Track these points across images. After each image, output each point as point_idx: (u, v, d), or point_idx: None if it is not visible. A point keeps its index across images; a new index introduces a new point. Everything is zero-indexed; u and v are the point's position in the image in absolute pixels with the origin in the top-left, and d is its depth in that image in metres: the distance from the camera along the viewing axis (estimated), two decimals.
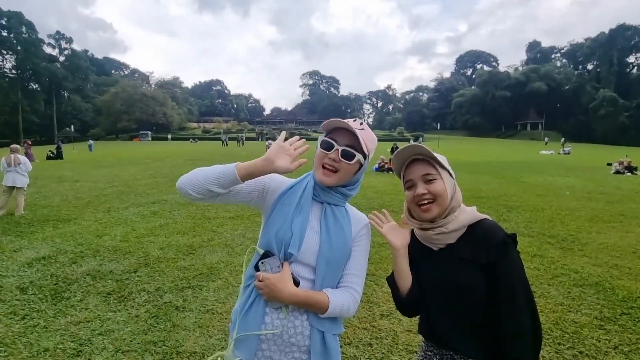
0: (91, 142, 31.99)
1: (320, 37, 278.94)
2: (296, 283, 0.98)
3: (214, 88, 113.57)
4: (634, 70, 65.38)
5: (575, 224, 5.78)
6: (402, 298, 1.09)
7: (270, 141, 19.71)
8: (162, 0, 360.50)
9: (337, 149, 0.99)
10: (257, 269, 1.01)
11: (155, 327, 2.63)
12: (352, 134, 0.99)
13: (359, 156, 1.00)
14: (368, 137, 1.01)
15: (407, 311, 1.14)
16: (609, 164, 15.51)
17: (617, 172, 13.60)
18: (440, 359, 1.07)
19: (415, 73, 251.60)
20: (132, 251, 4.27)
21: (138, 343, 2.43)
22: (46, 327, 2.60)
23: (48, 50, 64.04)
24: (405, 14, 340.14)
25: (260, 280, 0.97)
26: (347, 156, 0.99)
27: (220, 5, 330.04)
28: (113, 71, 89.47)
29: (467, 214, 1.05)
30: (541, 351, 2.37)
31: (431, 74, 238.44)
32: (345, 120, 1.00)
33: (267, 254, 1.01)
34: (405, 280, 1.08)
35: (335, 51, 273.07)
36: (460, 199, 1.07)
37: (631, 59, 66.25)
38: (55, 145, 21.06)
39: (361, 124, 1.02)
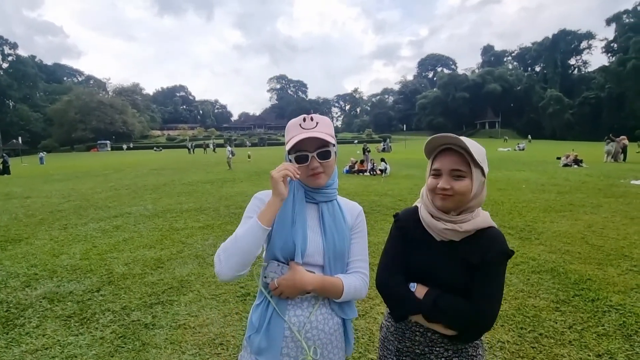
0: (42, 154, 29.72)
1: (286, 41, 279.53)
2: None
3: (178, 94, 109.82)
4: (575, 72, 71.64)
5: (531, 214, 6.21)
6: None
7: (229, 148, 18.81)
8: (118, 3, 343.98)
9: (313, 156, 1.03)
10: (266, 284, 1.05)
11: (123, 347, 2.49)
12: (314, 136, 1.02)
13: (332, 148, 1.06)
14: (326, 127, 1.05)
15: None
16: (558, 158, 16.79)
17: (566, 165, 14.77)
18: (402, 333, 1.12)
19: (381, 76, 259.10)
20: (93, 269, 4.01)
21: None
22: None
23: None
24: (370, 18, 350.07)
25: (276, 287, 1.01)
26: (325, 156, 1.05)
27: (182, 8, 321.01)
28: (65, 78, 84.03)
29: (482, 218, 1.03)
30: (506, 336, 2.53)
31: (396, 76, 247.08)
32: (300, 126, 1.03)
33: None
34: None
35: (303, 55, 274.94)
36: (483, 200, 1.03)
37: (572, 61, 72.56)
38: (1, 159, 19.27)
39: (312, 119, 1.04)
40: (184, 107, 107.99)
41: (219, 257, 0.98)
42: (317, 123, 1.04)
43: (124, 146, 55.10)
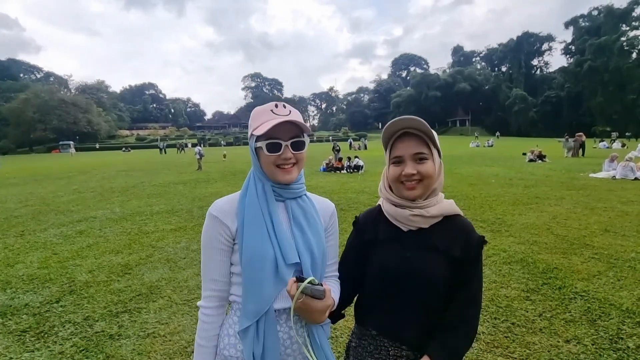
0: None
1: (261, 38, 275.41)
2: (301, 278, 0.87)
3: (147, 92, 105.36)
4: (538, 72, 75.70)
5: (501, 208, 6.45)
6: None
7: (198, 147, 18.12)
8: None
9: (287, 145, 0.93)
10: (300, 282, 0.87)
11: None
12: (286, 123, 0.92)
13: (306, 139, 0.97)
14: (299, 117, 0.96)
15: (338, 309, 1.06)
16: (524, 154, 17.61)
17: (531, 160, 15.53)
18: (374, 349, 1.02)
19: (357, 74, 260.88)
20: (53, 278, 3.72)
21: None
22: None
23: None
24: (345, 16, 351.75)
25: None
26: (299, 147, 0.95)
27: (150, 2, 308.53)
28: (22, 75, 78.36)
29: (448, 203, 1.01)
30: (480, 327, 2.58)
31: (372, 75, 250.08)
32: (272, 112, 0.94)
33: (300, 279, 0.86)
34: None
35: (278, 53, 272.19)
36: (442, 181, 1.02)
37: (535, 61, 76.56)
38: None
39: (285, 106, 0.96)
40: (154, 105, 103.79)
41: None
42: (290, 111, 0.94)
43: (71, 150, 44.48)
